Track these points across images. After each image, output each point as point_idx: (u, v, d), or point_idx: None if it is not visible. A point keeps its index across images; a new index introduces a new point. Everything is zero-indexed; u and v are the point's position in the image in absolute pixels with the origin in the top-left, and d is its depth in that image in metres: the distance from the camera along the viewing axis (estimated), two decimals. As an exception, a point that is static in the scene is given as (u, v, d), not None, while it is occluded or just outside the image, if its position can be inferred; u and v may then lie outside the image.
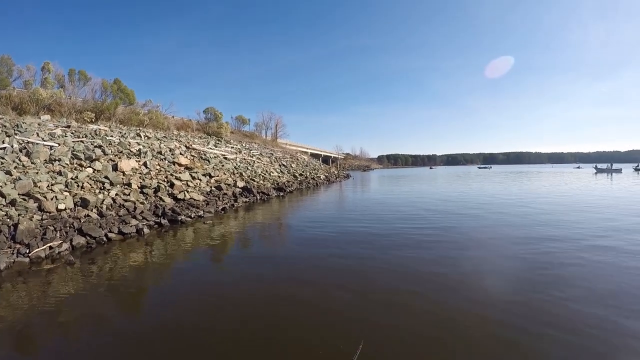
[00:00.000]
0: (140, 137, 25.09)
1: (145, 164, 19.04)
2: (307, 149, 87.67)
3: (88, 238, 10.62)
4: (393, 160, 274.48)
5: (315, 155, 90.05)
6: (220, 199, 18.93)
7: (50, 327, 5.68)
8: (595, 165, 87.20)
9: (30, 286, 7.46)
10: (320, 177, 45.47)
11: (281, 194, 26.02)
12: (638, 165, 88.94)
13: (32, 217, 10.84)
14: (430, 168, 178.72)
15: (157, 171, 19.15)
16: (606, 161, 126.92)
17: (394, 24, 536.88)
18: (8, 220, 10.31)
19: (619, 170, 73.64)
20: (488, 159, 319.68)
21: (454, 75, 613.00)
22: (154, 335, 5.29)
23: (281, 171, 36.61)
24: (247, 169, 29.70)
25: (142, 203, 14.65)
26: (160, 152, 22.58)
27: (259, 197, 22.19)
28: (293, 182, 33.18)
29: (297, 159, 53.05)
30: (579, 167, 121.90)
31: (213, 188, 20.52)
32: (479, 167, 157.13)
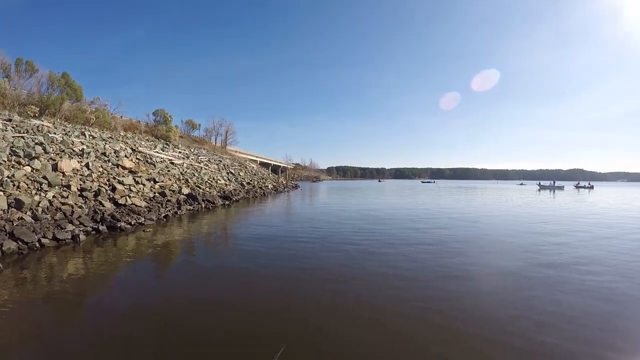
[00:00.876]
0: (85, 136, 24.31)
1: (87, 165, 18.51)
2: (257, 157, 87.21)
3: (20, 243, 10.24)
4: (342, 172, 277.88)
5: (264, 164, 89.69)
6: (164, 205, 18.71)
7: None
8: (539, 182, 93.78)
9: None
10: (268, 186, 45.52)
11: (227, 202, 25.93)
12: (578, 183, 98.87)
13: (-40, 217, 10.45)
14: (379, 181, 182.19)
15: (99, 173, 18.67)
16: (549, 178, 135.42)
17: (344, 38, 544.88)
18: None
19: (561, 188, 79.74)
20: (435, 174, 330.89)
21: (404, 92, 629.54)
22: (89, 352, 5.24)
23: (228, 179, 36.44)
24: (194, 175, 29.41)
25: (80, 207, 14.29)
26: (104, 154, 22.00)
27: (203, 205, 22.04)
28: (240, 191, 33.11)
29: (246, 167, 52.87)
30: (522, 184, 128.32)
31: (157, 194, 20.23)
32: (423, 182, 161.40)
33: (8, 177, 13.75)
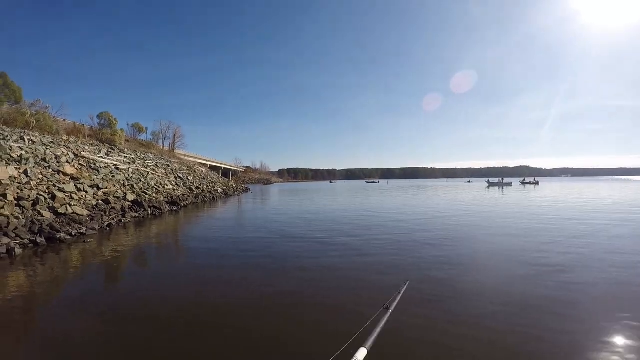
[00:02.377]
0: (25, 140, 23.23)
1: (26, 172, 17.80)
2: (206, 160, 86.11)
3: (-50, 258, 9.84)
4: (294, 174, 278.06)
5: (214, 168, 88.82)
6: (107, 213, 18.25)
7: None
8: (488, 180, 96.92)
9: None
10: (217, 190, 45.08)
11: (175, 208, 25.52)
12: (524, 179, 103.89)
13: None
14: (331, 182, 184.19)
15: (38, 181, 17.99)
16: (496, 176, 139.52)
17: (298, 38, 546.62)
18: None
19: (509, 184, 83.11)
20: (386, 174, 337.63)
21: (354, 93, 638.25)
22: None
23: (177, 184, 35.85)
24: (140, 180, 28.80)
25: (17, 218, 13.73)
26: (44, 159, 21.17)
27: (150, 212, 21.65)
28: (189, 196, 32.69)
29: (195, 171, 52.06)
30: (469, 182, 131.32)
31: (100, 201, 19.69)
32: (367, 182, 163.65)
33: (-63, 186, 13.08)
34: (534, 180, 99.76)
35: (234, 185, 64.31)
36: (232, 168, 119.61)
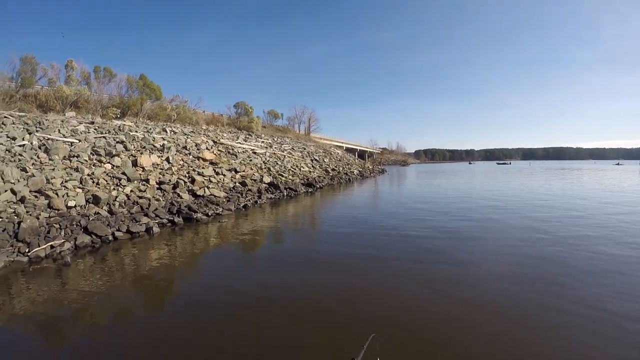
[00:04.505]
0: (167, 132, 24.76)
1: (167, 159, 18.61)
2: (342, 143, 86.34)
3: (93, 237, 10.17)
4: (430, 155, 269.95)
5: (350, 150, 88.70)
6: (244, 195, 18.31)
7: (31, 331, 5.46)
8: None
9: (20, 287, 7.17)
10: (353, 172, 44.50)
11: (310, 190, 25.23)
12: None
13: (39, 214, 10.47)
14: (470, 163, 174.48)
15: (179, 166, 18.70)
16: None
17: (418, 18, 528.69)
18: (15, 217, 9.98)
19: None
20: (527, 154, 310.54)
21: (485, 69, 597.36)
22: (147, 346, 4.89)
23: (312, 166, 35.87)
24: (277, 163, 29.08)
25: (157, 200, 14.17)
26: (185, 147, 22.16)
27: (285, 194, 21.48)
28: (324, 178, 32.41)
29: (331, 154, 52.15)
30: (618, 164, 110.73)
31: (237, 184, 19.94)
32: (497, 164, 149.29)
33: (88, 174, 13.92)
34: None
35: (370, 167, 63.45)
36: (368, 150, 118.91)
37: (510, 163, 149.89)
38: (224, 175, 20.22)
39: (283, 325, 5.32)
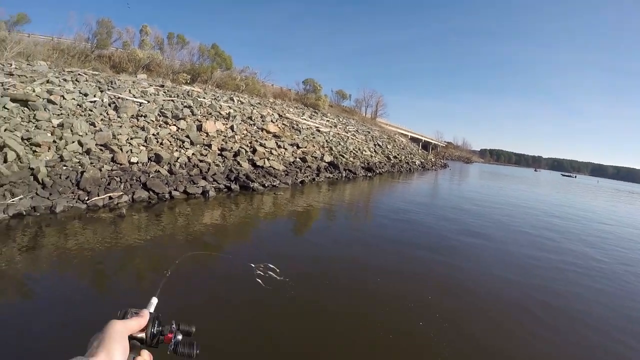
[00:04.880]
0: (234, 101, 24.93)
1: (232, 127, 18.67)
2: (407, 131, 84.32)
3: (151, 193, 10.31)
4: (496, 156, 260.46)
5: (415, 140, 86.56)
6: (302, 171, 18.10)
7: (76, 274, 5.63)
8: None
9: (75, 230, 7.37)
10: (415, 162, 43.32)
11: (369, 174, 24.70)
12: None
13: (102, 167, 10.68)
14: (535, 170, 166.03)
15: (242, 135, 18.71)
16: None
17: (502, 8, 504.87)
18: (79, 167, 10.21)
19: None
20: (597, 170, 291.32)
21: (570, 71, 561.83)
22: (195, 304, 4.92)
23: (375, 151, 35.15)
24: (339, 144, 28.66)
25: (217, 165, 14.21)
26: (250, 118, 22.18)
27: (344, 175, 21.11)
28: (385, 164, 31.68)
29: (395, 141, 51.05)
30: None
31: (297, 159, 19.76)
32: (562, 175, 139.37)
33: (153, 134, 14.11)
34: None
35: (433, 160, 61.66)
36: (432, 142, 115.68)
37: (575, 176, 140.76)
38: (286, 149, 20.07)
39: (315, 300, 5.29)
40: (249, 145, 17.79)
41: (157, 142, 13.80)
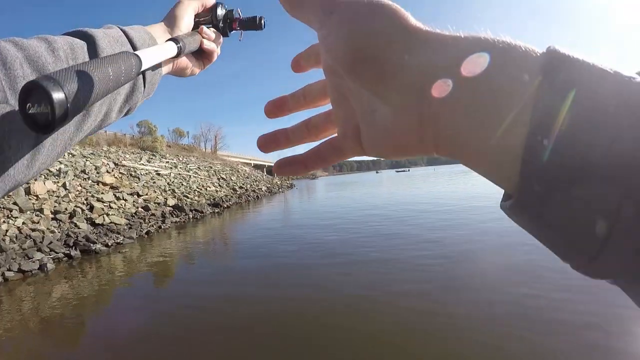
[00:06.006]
0: (64, 155, 23.48)
1: (64, 185, 17.80)
2: (250, 159, 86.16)
3: (-20, 279, 9.63)
4: (338, 167, 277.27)
5: (258, 166, 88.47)
6: (146, 220, 18.00)
7: None
8: None
9: None
10: (261, 188, 44.82)
11: (217, 210, 25.18)
12: None
13: None
14: (377, 172, 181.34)
15: (77, 192, 17.94)
16: None
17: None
18: None
19: None
20: (432, 160, 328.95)
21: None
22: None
23: (219, 185, 35.68)
24: (182, 184, 28.69)
25: (52, 232, 13.57)
26: (84, 171, 21.24)
27: (191, 216, 21.36)
28: (232, 196, 32.37)
29: (238, 171, 52.01)
30: None
31: (140, 209, 19.52)
32: (397, 171, 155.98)
33: (-26, 206, 13.07)
34: None
35: (279, 183, 63.97)
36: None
37: (409, 170, 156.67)
38: (126, 200, 19.71)
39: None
40: (85, 202, 17.18)
41: (-20, 216, 12.87)
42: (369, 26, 0.34)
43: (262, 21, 1.00)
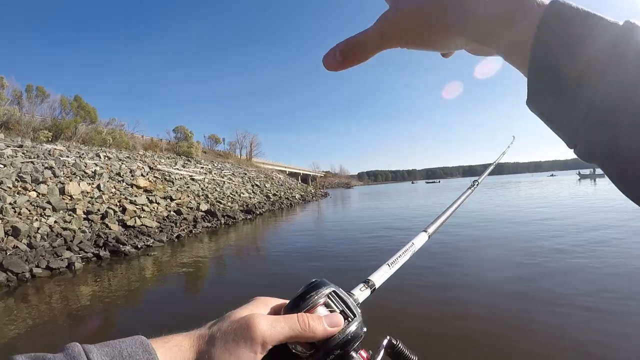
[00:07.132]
0: (100, 157, 23.89)
1: (98, 187, 17.94)
2: (285, 167, 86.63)
3: (9, 274, 9.52)
4: (373, 177, 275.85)
5: (293, 174, 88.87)
6: (178, 224, 17.89)
7: None
8: (579, 172, 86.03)
9: None
10: (295, 196, 44.57)
11: (249, 216, 24.93)
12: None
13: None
14: (412, 182, 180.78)
15: (110, 194, 18.05)
16: (584, 167, 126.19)
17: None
18: None
19: (602, 175, 73.32)
20: (467, 171, 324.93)
21: (425, 91, 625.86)
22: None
23: (253, 191, 35.62)
24: (215, 190, 28.72)
25: (83, 231, 13.57)
26: (118, 174, 21.48)
27: (223, 222, 21.17)
28: (265, 203, 32.19)
29: (272, 178, 52.09)
30: (552, 175, 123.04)
31: (172, 212, 19.48)
32: (427, 182, 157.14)
33: (10, 203, 13.16)
34: None
35: (313, 191, 63.71)
36: (311, 173, 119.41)
37: (439, 181, 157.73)
38: (158, 203, 19.72)
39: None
40: (118, 204, 17.24)
41: (15, 212, 12.91)
42: None
43: None
